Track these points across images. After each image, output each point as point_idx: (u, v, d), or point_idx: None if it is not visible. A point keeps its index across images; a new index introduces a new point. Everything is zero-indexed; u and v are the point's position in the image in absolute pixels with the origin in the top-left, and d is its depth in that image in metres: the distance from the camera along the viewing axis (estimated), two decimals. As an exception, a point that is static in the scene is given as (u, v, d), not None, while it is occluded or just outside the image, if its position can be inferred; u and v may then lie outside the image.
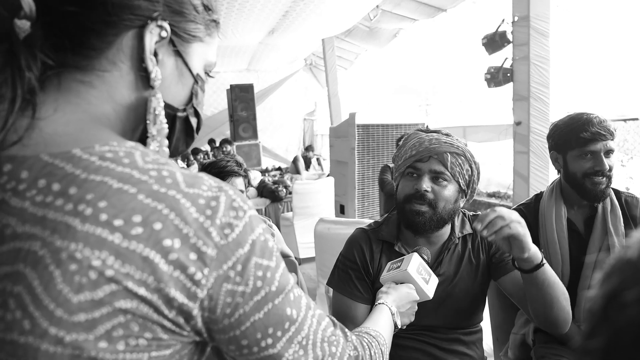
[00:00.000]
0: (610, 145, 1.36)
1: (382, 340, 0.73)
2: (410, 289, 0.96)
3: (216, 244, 0.45)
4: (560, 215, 1.46)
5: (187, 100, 0.57)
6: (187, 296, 0.44)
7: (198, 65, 0.58)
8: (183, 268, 0.43)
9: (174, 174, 0.46)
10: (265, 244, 0.49)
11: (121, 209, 0.42)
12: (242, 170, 1.69)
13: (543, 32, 3.51)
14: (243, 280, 0.47)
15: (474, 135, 6.91)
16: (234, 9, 5.47)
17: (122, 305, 0.41)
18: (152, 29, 0.51)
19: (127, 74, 0.52)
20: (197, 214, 0.44)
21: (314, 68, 11.56)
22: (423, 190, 1.17)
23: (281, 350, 0.51)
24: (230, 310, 0.47)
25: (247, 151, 7.22)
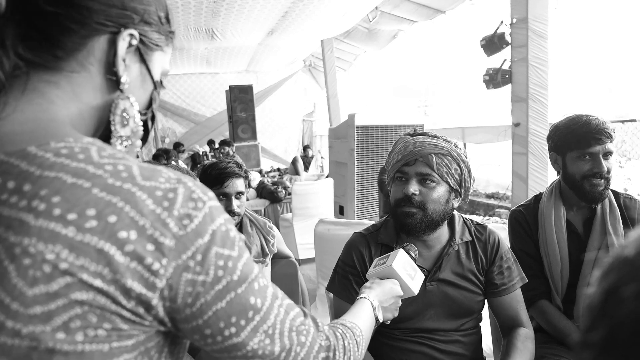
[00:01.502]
0: (609, 147, 1.37)
1: (358, 331, 0.73)
2: (395, 285, 0.96)
3: (174, 235, 0.46)
4: (560, 216, 1.47)
5: (146, 105, 0.60)
6: (145, 286, 0.45)
7: (158, 72, 0.61)
8: (140, 259, 0.44)
9: (130, 167, 0.47)
10: (227, 234, 0.50)
11: (75, 204, 0.43)
12: (243, 171, 1.69)
13: (541, 34, 3.52)
14: (203, 269, 0.47)
15: (473, 136, 6.92)
16: (234, 10, 5.47)
17: (78, 296, 0.42)
18: (124, 36, 0.54)
19: (95, 76, 0.54)
20: (153, 205, 0.45)
21: (313, 69, 11.57)
22: (410, 194, 1.18)
23: (246, 339, 0.52)
24: (191, 299, 0.48)
25: (246, 152, 7.22)
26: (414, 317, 1.24)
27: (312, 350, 0.59)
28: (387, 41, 7.63)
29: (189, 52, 8.12)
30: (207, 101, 10.96)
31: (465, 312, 1.26)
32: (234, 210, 1.66)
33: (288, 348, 0.56)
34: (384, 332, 1.27)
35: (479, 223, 1.34)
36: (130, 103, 0.56)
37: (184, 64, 9.27)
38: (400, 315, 1.24)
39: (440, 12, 5.97)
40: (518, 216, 1.56)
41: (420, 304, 1.23)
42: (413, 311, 1.23)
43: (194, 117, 10.87)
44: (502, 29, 3.74)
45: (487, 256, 1.28)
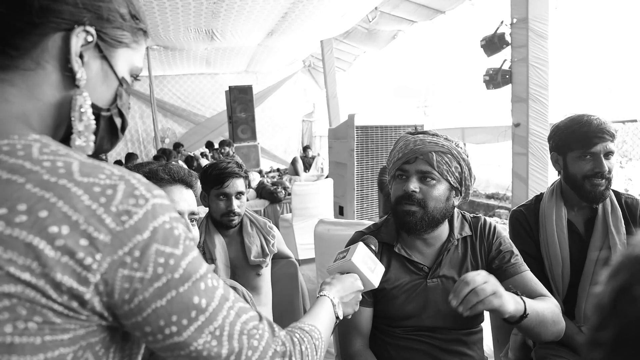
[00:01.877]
0: (610, 147, 1.37)
1: (317, 334, 0.72)
2: (355, 280, 0.95)
3: (110, 230, 0.46)
4: (561, 217, 1.47)
5: (111, 101, 0.61)
6: (77, 280, 0.45)
7: (123, 69, 0.62)
8: (71, 253, 0.44)
9: (70, 164, 0.48)
10: (171, 231, 0.50)
11: (6, 198, 0.44)
12: (243, 171, 1.69)
13: (542, 34, 3.52)
14: (141, 266, 0.47)
15: (473, 137, 6.92)
16: (233, 11, 5.47)
17: (6, 289, 0.43)
18: (78, 32, 0.54)
19: (51, 73, 0.54)
20: (89, 201, 0.46)
21: (312, 70, 11.57)
22: (410, 191, 1.18)
23: (188, 339, 0.51)
24: (129, 295, 0.48)
25: (245, 152, 7.22)
26: (415, 314, 1.23)
27: (265, 355, 0.58)
28: (387, 41, 7.64)
29: (189, 53, 8.12)
30: (206, 101, 10.96)
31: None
32: (234, 210, 1.65)
33: (237, 351, 0.55)
34: (386, 330, 1.27)
35: (474, 215, 1.34)
36: (83, 98, 0.56)
37: (184, 64, 9.28)
38: (403, 312, 1.24)
39: (440, 13, 5.98)
40: (519, 216, 1.56)
41: (422, 301, 1.23)
42: (415, 308, 1.23)
43: (194, 118, 10.88)
44: (502, 29, 3.75)
45: (485, 244, 1.27)
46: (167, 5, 5.07)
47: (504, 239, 1.29)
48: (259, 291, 1.74)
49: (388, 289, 1.23)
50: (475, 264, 1.26)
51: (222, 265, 1.65)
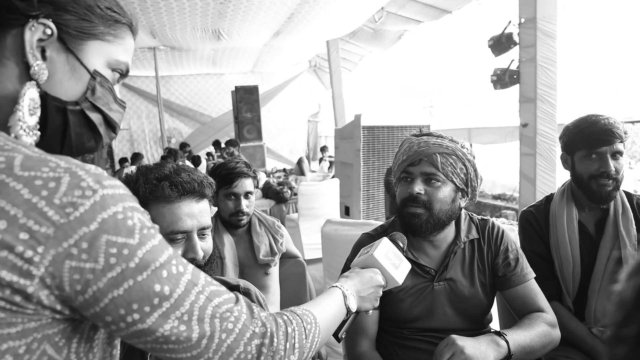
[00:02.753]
0: (617, 147, 1.36)
1: (310, 318, 0.68)
2: (375, 274, 0.92)
3: (53, 223, 0.46)
4: (572, 217, 1.46)
5: (81, 95, 0.59)
6: (18, 274, 0.45)
7: (97, 62, 0.60)
8: (10, 248, 0.45)
9: (11, 159, 0.48)
10: (123, 221, 0.50)
11: None
12: (252, 171, 1.70)
13: (550, 34, 3.50)
14: (91, 257, 0.47)
15: (479, 137, 6.89)
16: (240, 11, 5.49)
17: None
18: (32, 26, 0.54)
19: (12, 69, 0.55)
20: (29, 195, 0.46)
21: (318, 70, 11.57)
22: (415, 193, 1.18)
23: (153, 325, 0.51)
24: (80, 287, 0.48)
25: (251, 152, 7.24)
26: (422, 316, 1.23)
27: (242, 337, 0.57)
28: (393, 41, 7.62)
29: (195, 53, 8.15)
30: (212, 101, 11.00)
31: (475, 311, 1.26)
32: (243, 210, 1.66)
33: (209, 335, 0.55)
34: (393, 331, 1.27)
35: (482, 218, 1.33)
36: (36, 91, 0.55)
37: (190, 64, 9.31)
38: (409, 314, 1.24)
39: (447, 12, 5.95)
40: (529, 217, 1.55)
41: (429, 304, 1.23)
42: (422, 311, 1.23)
43: (200, 118, 10.92)
44: (510, 29, 3.73)
45: (493, 248, 1.27)
46: (174, 5, 5.09)
47: (511, 244, 1.28)
48: (267, 290, 1.74)
49: (394, 292, 1.22)
50: (482, 268, 1.26)
51: (230, 264, 1.65)
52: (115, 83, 0.64)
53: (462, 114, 9.96)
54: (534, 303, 1.23)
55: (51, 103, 0.57)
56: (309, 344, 0.66)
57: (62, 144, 0.59)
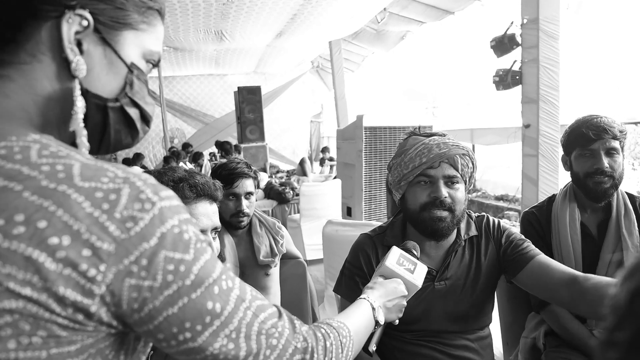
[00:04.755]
0: (611, 144, 1.37)
1: (345, 332, 0.68)
2: (399, 284, 0.93)
3: (115, 239, 0.44)
4: (574, 218, 1.46)
5: (120, 90, 0.56)
6: (81, 293, 0.43)
7: (134, 53, 0.56)
8: (74, 265, 0.42)
9: (69, 167, 0.45)
10: (179, 236, 0.47)
11: (3, 209, 0.41)
12: (253, 172, 1.70)
13: (553, 35, 3.49)
14: (149, 274, 0.45)
15: (482, 138, 6.88)
16: (242, 12, 5.50)
17: (7, 305, 0.41)
18: (69, 18, 0.50)
19: (48, 65, 0.51)
20: (91, 208, 0.43)
21: (321, 70, 11.58)
22: (443, 198, 1.15)
23: (204, 344, 0.50)
24: (137, 305, 0.46)
25: (254, 153, 7.24)
26: (422, 318, 1.22)
27: (285, 353, 0.57)
28: (395, 42, 7.62)
29: (198, 54, 8.17)
30: (215, 102, 11.02)
31: (476, 310, 1.25)
32: (243, 210, 1.66)
33: (255, 352, 0.54)
34: (394, 335, 1.26)
35: (478, 215, 1.33)
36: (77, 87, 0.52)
37: (193, 65, 9.33)
38: (410, 316, 1.23)
39: (449, 13, 5.95)
40: (531, 218, 1.55)
41: (429, 304, 1.22)
42: (421, 312, 1.22)
43: (203, 118, 10.94)
44: (513, 30, 3.71)
45: (493, 241, 1.26)
46: (177, 6, 5.10)
47: (510, 230, 1.28)
48: (268, 291, 1.74)
49: None
50: (481, 263, 1.24)
51: (231, 265, 1.65)
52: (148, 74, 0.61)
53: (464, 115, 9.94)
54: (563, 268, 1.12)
55: (92, 100, 0.53)
56: (344, 357, 0.66)
57: (100, 142, 0.56)
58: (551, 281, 1.11)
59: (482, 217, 1.31)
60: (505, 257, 1.23)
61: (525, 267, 1.17)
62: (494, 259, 1.25)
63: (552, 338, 1.47)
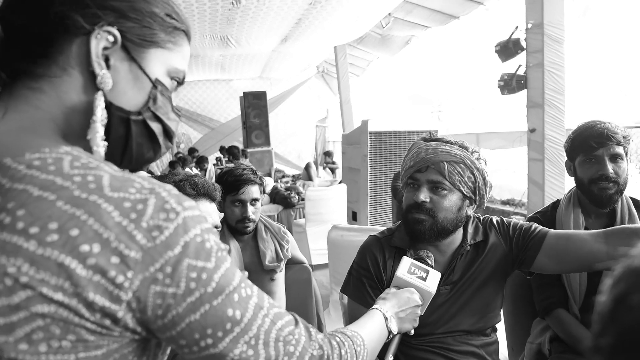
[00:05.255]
0: (615, 150, 1.37)
1: (359, 341, 0.70)
2: (412, 294, 0.94)
3: (141, 247, 0.45)
4: (578, 224, 1.46)
5: (143, 104, 0.58)
6: (109, 299, 0.45)
7: (158, 70, 0.59)
8: (103, 272, 0.44)
9: (100, 178, 0.47)
10: (202, 245, 0.49)
11: (38, 217, 0.43)
12: (258, 178, 1.71)
13: (557, 39, 3.49)
14: (173, 282, 0.47)
15: (488, 142, 6.85)
16: (248, 17, 5.54)
17: (39, 309, 0.43)
18: (98, 34, 0.53)
19: (77, 78, 0.53)
20: (120, 217, 0.45)
21: (326, 75, 11.62)
22: (420, 201, 1.18)
23: (224, 350, 0.51)
24: (161, 311, 0.47)
25: (259, 158, 7.27)
26: (427, 322, 1.22)
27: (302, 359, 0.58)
28: (400, 47, 7.64)
29: (204, 59, 8.24)
30: (221, 107, 11.09)
31: (481, 314, 1.25)
32: (249, 216, 1.67)
33: (274, 358, 0.55)
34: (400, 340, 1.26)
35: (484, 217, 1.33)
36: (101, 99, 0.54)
37: (199, 71, 9.41)
38: None
39: (454, 18, 5.96)
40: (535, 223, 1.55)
41: (434, 308, 1.22)
42: (426, 316, 1.21)
43: (209, 123, 11.01)
44: (517, 34, 3.72)
45: (502, 237, 1.27)
46: (183, 12, 5.16)
47: (513, 221, 1.29)
48: (273, 296, 1.75)
49: None
50: (488, 268, 1.25)
51: (237, 270, 1.67)
52: (173, 91, 0.63)
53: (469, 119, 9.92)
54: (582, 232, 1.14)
55: (115, 113, 0.55)
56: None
57: (123, 155, 0.58)
58: (581, 245, 1.13)
59: (486, 219, 1.32)
60: (519, 246, 1.23)
61: (543, 245, 1.18)
62: (501, 258, 1.25)
63: (558, 344, 1.47)
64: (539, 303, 1.46)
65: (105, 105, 0.54)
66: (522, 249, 1.22)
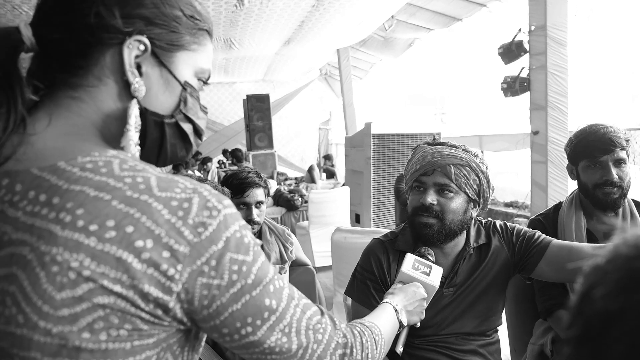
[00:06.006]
0: (619, 155, 1.37)
1: (377, 330, 0.74)
2: (418, 288, 0.98)
3: (189, 242, 0.49)
4: (580, 226, 1.46)
5: (175, 107, 0.61)
6: (162, 290, 0.48)
7: (187, 73, 0.61)
8: (156, 265, 0.48)
9: (148, 179, 0.51)
10: (241, 240, 0.53)
11: (96, 215, 0.47)
12: (263, 181, 1.73)
13: (560, 41, 3.50)
14: (218, 274, 0.50)
15: (491, 144, 6.86)
16: (251, 20, 5.57)
17: (100, 300, 0.46)
18: (129, 44, 0.55)
19: (112, 87, 0.56)
20: (169, 215, 0.49)
21: (329, 78, 11.64)
22: (428, 204, 1.19)
23: (262, 338, 0.55)
24: (207, 302, 0.51)
25: (262, 160, 7.28)
26: (432, 323, 1.24)
27: (329, 347, 0.61)
28: (403, 49, 7.65)
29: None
30: (224, 110, 11.12)
31: (484, 315, 1.27)
32: (254, 219, 1.69)
33: (305, 345, 0.58)
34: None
35: (487, 221, 1.34)
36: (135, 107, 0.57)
37: (203, 73, 9.43)
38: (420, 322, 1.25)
39: (457, 20, 5.97)
40: (537, 225, 1.56)
41: (438, 310, 1.24)
42: (430, 317, 1.23)
43: (212, 126, 11.03)
44: (520, 37, 3.73)
45: (505, 243, 1.28)
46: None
47: (517, 227, 1.31)
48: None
49: None
50: (491, 270, 1.26)
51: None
52: (200, 90, 0.66)
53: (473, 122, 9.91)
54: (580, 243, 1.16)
55: (150, 118, 0.58)
56: (378, 354, 0.71)
57: (158, 156, 0.61)
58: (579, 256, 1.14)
59: (490, 223, 1.34)
60: (521, 253, 1.25)
61: (545, 253, 1.20)
62: (504, 263, 1.27)
63: (560, 345, 1.47)
64: (541, 304, 1.46)
65: (140, 111, 0.57)
66: (524, 256, 1.24)
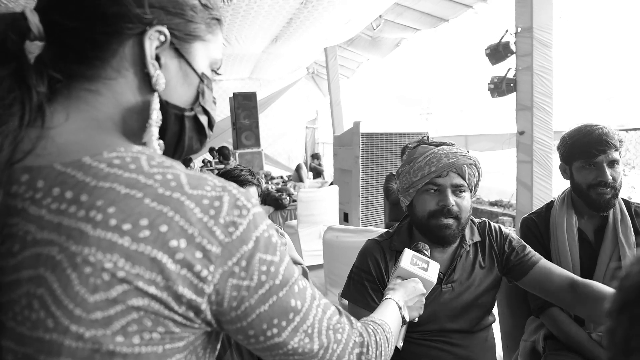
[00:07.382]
0: (613, 156, 1.39)
1: (388, 327, 0.74)
2: (417, 283, 0.99)
3: (220, 242, 0.47)
4: (571, 225, 1.49)
5: (193, 100, 0.59)
6: (194, 292, 0.47)
7: (203, 64, 0.60)
8: (190, 266, 0.46)
9: (178, 176, 0.49)
10: (269, 239, 0.52)
11: (129, 214, 0.45)
12: (256, 179, 1.71)
13: (546, 43, 3.55)
14: (248, 275, 0.49)
15: (476, 144, 6.94)
16: (238, 17, 5.52)
17: (135, 303, 0.44)
18: (150, 34, 0.53)
19: (131, 80, 0.54)
20: (201, 214, 0.47)
21: (316, 77, 11.62)
22: (451, 206, 1.21)
23: (286, 339, 0.54)
24: (236, 303, 0.49)
25: (249, 159, 7.24)
26: (430, 319, 1.26)
27: (347, 346, 0.61)
28: (390, 49, 7.69)
29: (194, 60, 8.18)
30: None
31: (478, 311, 1.30)
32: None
33: (326, 346, 0.58)
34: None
35: (480, 220, 1.38)
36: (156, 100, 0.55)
37: (188, 71, 9.33)
38: (419, 318, 1.26)
39: (444, 21, 6.02)
40: (530, 224, 1.58)
41: (437, 306, 1.26)
42: (429, 313, 1.25)
43: (198, 124, 10.92)
44: (507, 38, 3.77)
45: (496, 247, 1.32)
46: None
47: (511, 236, 1.33)
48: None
49: None
50: (485, 267, 1.30)
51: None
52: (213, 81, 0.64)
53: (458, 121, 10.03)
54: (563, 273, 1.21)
55: (171, 111, 0.56)
56: (390, 350, 0.72)
57: (175, 149, 0.59)
58: (552, 286, 1.21)
59: (484, 223, 1.37)
60: (509, 263, 1.29)
61: (529, 273, 1.25)
62: (496, 263, 1.31)
63: (552, 341, 1.49)
64: (533, 302, 1.48)
65: (160, 105, 0.55)
66: (512, 267, 1.28)
